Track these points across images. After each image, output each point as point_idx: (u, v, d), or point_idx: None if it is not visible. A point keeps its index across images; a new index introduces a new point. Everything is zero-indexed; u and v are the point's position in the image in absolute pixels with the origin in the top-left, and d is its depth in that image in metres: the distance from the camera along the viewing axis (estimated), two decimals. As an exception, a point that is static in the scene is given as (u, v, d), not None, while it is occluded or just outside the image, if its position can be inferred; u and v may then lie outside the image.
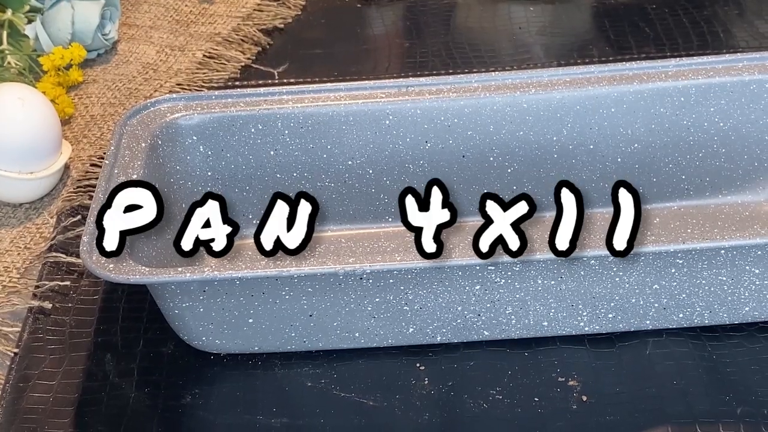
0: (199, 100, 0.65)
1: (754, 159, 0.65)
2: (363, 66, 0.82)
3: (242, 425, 0.55)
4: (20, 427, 0.55)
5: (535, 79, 0.64)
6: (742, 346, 0.57)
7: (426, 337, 0.57)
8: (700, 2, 0.87)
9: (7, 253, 0.66)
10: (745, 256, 0.54)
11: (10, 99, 0.68)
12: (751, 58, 0.64)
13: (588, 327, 0.57)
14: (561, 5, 0.88)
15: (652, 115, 0.64)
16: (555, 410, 0.54)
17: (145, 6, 0.90)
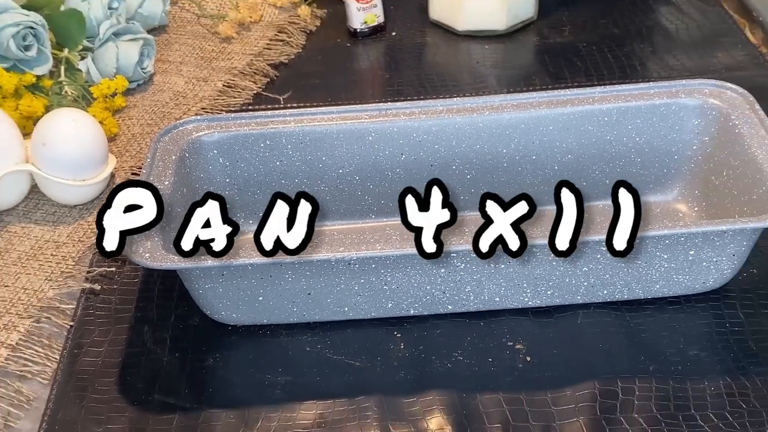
0: (219, 121, 0.65)
1: (664, 167, 0.65)
2: (351, 93, 0.82)
3: (254, 382, 0.55)
4: (75, 385, 0.55)
5: (489, 103, 0.64)
6: (653, 316, 0.57)
7: (402, 311, 0.57)
8: (621, 41, 0.87)
9: (65, 245, 0.66)
10: (656, 244, 0.54)
11: (66, 121, 0.67)
12: (660, 86, 0.64)
13: (531, 302, 0.57)
14: (510, 44, 0.88)
15: (582, 131, 0.64)
16: (505, 368, 0.54)
17: (176, 45, 0.90)
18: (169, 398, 0.54)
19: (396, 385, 0.54)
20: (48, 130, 0.67)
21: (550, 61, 0.85)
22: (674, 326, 0.56)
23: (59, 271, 0.63)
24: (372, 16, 0.90)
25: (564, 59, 0.85)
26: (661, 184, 0.66)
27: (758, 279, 0.59)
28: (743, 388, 0.52)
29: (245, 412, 0.53)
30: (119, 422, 0.53)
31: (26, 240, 0.66)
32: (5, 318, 0.60)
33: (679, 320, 0.56)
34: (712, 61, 0.83)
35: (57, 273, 0.63)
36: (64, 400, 0.54)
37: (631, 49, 0.86)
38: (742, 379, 0.52)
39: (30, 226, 0.68)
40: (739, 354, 0.54)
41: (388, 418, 0.52)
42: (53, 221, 0.68)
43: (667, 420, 0.51)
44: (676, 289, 0.57)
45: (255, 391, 0.54)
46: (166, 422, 0.53)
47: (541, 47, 0.87)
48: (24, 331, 0.59)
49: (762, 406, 0.51)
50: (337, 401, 0.53)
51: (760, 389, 0.52)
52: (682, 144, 0.64)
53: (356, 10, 0.89)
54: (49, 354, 0.58)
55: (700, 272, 0.56)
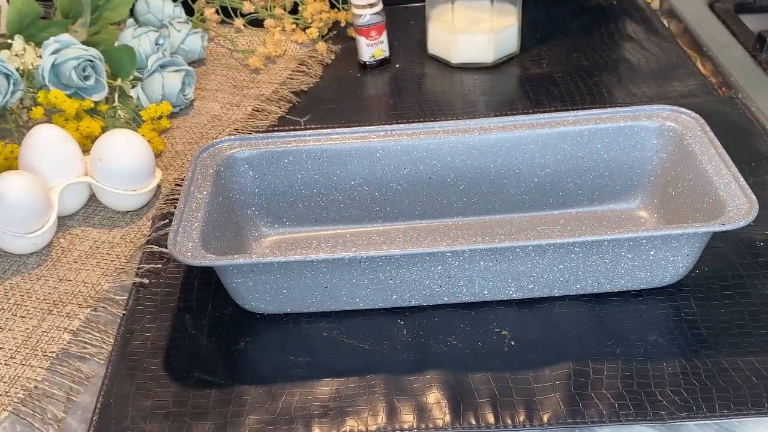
0: (249, 140, 0.65)
1: (628, 179, 0.65)
2: (361, 116, 0.82)
3: (279, 363, 0.55)
4: (127, 364, 0.55)
5: (478, 125, 0.64)
6: (619, 307, 0.57)
7: (404, 302, 0.57)
8: (591, 72, 0.87)
9: (118, 246, 0.66)
10: (621, 245, 0.54)
11: (120, 140, 0.67)
12: (624, 111, 0.64)
13: (515, 294, 0.57)
14: (497, 75, 0.88)
15: (558, 149, 0.64)
16: (492, 351, 0.54)
17: (212, 76, 0.90)
18: (206, 376, 0.54)
19: (399, 366, 0.54)
20: (104, 147, 0.67)
21: (530, 89, 0.85)
22: (637, 316, 0.56)
23: (113, 268, 0.64)
24: (379, 50, 0.90)
25: (542, 87, 0.85)
26: (625, 194, 0.66)
27: (709, 275, 0.59)
28: (696, 369, 0.52)
29: (271, 388, 0.53)
30: (164, 396, 0.53)
31: (85, 241, 0.67)
32: (68, 307, 0.60)
33: (641, 310, 0.56)
34: (668, 89, 0.83)
35: (111, 269, 0.63)
36: (118, 378, 0.54)
37: (599, 79, 0.85)
38: (695, 360, 0.52)
39: (88, 229, 0.68)
40: (693, 339, 0.54)
41: (393, 394, 0.52)
42: (108, 225, 0.68)
43: (631, 396, 0.50)
44: (638, 283, 0.57)
45: (280, 370, 0.54)
46: (204, 396, 0.53)
47: (523, 77, 0.87)
48: (83, 319, 0.59)
49: (712, 384, 0.51)
50: (349, 379, 0.53)
51: (710, 369, 0.52)
52: (643, 160, 0.64)
53: (365, 45, 0.90)
54: (105, 338, 0.58)
55: (659, 269, 0.56)
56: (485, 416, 0.50)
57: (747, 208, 0.53)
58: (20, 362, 0.55)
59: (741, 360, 0.52)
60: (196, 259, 0.53)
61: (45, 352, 0.56)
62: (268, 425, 0.50)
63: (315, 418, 0.51)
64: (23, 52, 0.77)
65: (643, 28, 0.95)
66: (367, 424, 0.50)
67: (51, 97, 0.74)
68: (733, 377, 0.51)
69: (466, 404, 0.51)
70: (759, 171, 0.68)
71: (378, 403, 0.51)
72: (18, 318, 0.59)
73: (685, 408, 0.49)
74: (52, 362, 0.55)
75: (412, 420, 0.50)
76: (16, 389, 0.54)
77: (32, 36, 0.80)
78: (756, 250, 0.60)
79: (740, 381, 0.51)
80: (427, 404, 0.51)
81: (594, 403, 0.50)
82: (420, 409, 0.51)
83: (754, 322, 0.55)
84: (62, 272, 0.63)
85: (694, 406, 0.49)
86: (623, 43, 0.92)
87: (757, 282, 0.58)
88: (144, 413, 0.52)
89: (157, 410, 0.52)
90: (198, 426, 0.51)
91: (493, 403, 0.51)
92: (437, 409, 0.51)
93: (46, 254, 0.65)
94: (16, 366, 0.55)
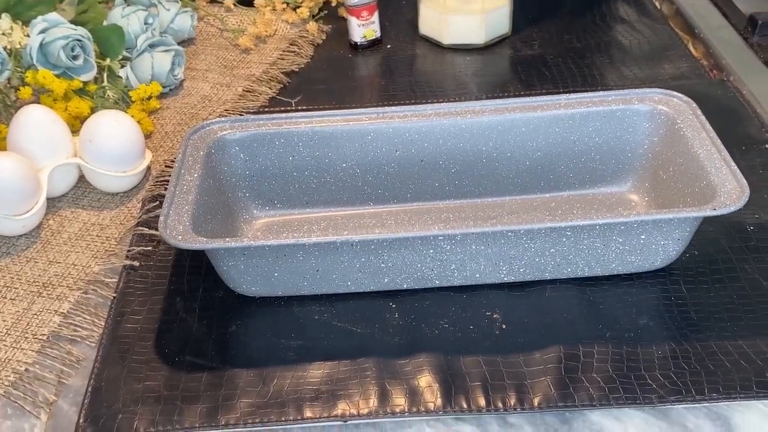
0: (240, 121, 0.64)
1: (619, 163, 0.65)
2: (352, 97, 0.81)
3: (270, 346, 0.54)
4: (118, 347, 0.55)
5: (470, 107, 0.64)
6: (610, 291, 0.57)
7: (396, 285, 0.57)
8: (583, 54, 0.86)
9: (108, 228, 0.65)
10: (612, 229, 0.54)
11: (109, 121, 0.67)
12: (616, 94, 0.64)
13: (506, 277, 0.57)
14: (488, 56, 0.87)
15: (549, 132, 0.64)
16: (484, 334, 0.54)
17: (202, 56, 0.89)
18: (198, 359, 0.54)
19: (391, 349, 0.53)
20: (93, 128, 0.66)
21: (522, 71, 0.84)
22: (627, 299, 0.56)
23: (103, 250, 0.63)
24: (370, 31, 0.89)
25: (534, 69, 0.84)
26: (616, 178, 0.65)
27: (699, 259, 0.59)
28: (685, 352, 0.52)
29: (263, 371, 0.52)
30: (155, 379, 0.52)
31: (75, 223, 0.66)
32: (58, 290, 0.59)
33: (631, 294, 0.56)
34: (660, 71, 0.82)
35: (102, 251, 0.63)
36: (109, 361, 0.54)
37: (591, 61, 0.85)
38: (684, 344, 0.52)
39: (78, 210, 0.67)
40: (682, 323, 0.54)
41: (384, 377, 0.52)
42: (98, 207, 0.68)
43: (621, 379, 0.50)
44: (629, 267, 0.57)
45: (271, 353, 0.54)
46: (195, 380, 0.52)
47: (515, 59, 0.87)
48: (74, 301, 0.58)
49: (701, 367, 0.51)
50: (341, 362, 0.53)
51: (700, 353, 0.52)
52: (634, 144, 0.64)
53: (356, 25, 0.88)
54: (96, 321, 0.57)
55: (650, 253, 0.56)
56: (476, 400, 0.50)
57: (738, 193, 0.53)
58: (11, 345, 0.55)
59: (730, 343, 0.52)
60: (187, 243, 0.52)
61: (35, 335, 0.55)
62: (260, 408, 0.50)
63: (306, 402, 0.50)
64: (11, 31, 0.76)
65: (635, 9, 0.94)
66: (359, 407, 0.50)
67: (39, 77, 0.73)
68: (723, 361, 0.51)
69: (458, 387, 0.51)
70: (750, 155, 0.68)
71: (369, 386, 0.51)
72: (8, 300, 0.58)
73: (674, 391, 0.49)
74: (43, 345, 0.55)
75: (403, 404, 0.50)
76: (6, 372, 0.53)
77: (19, 14, 0.78)
78: (746, 233, 0.60)
79: (729, 364, 0.51)
80: (419, 388, 0.51)
81: (584, 387, 0.50)
82: (412, 392, 0.51)
83: (743, 306, 0.55)
84: (52, 254, 0.62)
85: (683, 390, 0.49)
86: (615, 24, 0.92)
87: (747, 266, 0.58)
88: (135, 396, 0.51)
89: (149, 393, 0.51)
90: (189, 409, 0.50)
91: (485, 386, 0.50)
92: (429, 392, 0.50)
93: (36, 236, 0.64)
94: (6, 349, 0.55)
